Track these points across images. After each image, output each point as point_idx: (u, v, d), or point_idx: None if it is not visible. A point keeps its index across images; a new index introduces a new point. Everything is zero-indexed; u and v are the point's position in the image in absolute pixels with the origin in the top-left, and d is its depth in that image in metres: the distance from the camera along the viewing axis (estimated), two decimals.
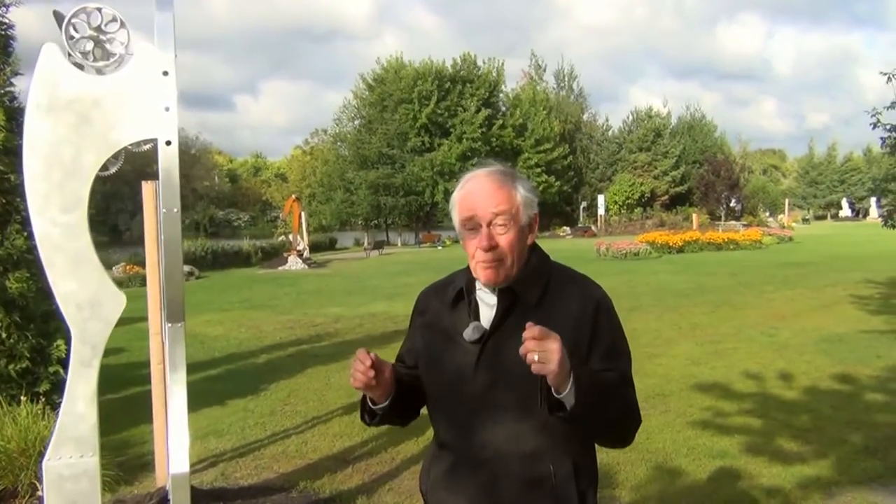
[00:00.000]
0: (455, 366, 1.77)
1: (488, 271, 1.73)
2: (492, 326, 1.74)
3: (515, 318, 1.71)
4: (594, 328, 1.74)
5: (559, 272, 1.85)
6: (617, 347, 1.78)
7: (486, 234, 1.71)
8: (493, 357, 1.72)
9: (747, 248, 29.19)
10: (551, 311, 1.73)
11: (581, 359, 1.68)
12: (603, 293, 1.82)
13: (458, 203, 1.78)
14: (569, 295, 1.78)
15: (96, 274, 3.08)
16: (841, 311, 11.18)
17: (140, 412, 5.96)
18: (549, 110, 54.07)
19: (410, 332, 2.02)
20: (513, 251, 1.73)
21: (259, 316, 13.37)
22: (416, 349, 1.95)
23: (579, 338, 1.70)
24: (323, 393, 7.22)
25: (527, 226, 1.78)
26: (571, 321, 1.72)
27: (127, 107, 3.00)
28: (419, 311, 1.98)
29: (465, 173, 1.84)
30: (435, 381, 1.85)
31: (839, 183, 74.91)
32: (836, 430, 5.27)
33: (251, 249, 32.58)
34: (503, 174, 1.79)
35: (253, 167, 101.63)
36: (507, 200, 1.73)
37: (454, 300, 1.84)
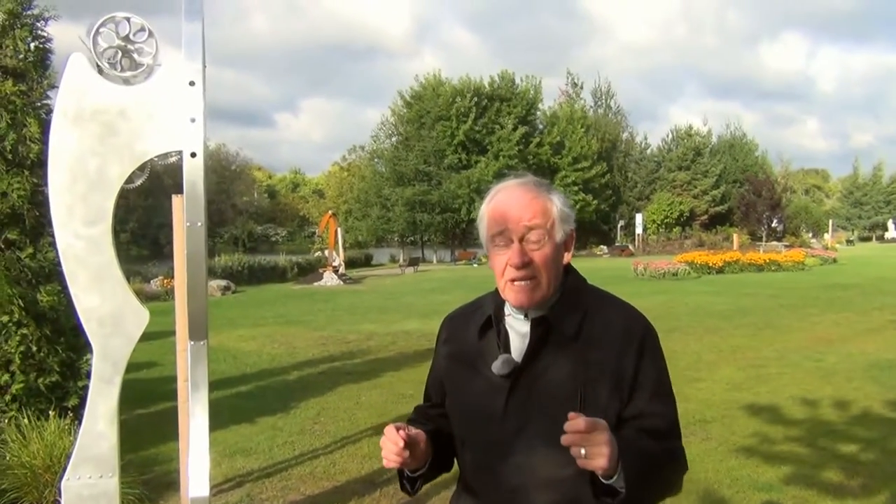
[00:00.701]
0: (483, 403, 1.59)
1: (520, 293, 1.54)
2: (524, 359, 1.55)
3: (550, 350, 1.54)
4: (638, 365, 1.54)
5: (598, 298, 1.65)
6: (664, 388, 1.60)
7: (517, 249, 1.52)
8: (525, 394, 1.54)
9: (789, 269, 28.52)
10: (590, 344, 1.54)
11: (622, 400, 1.51)
12: (648, 324, 1.62)
13: (487, 215, 1.59)
14: (610, 325, 1.58)
15: (119, 289, 3.00)
16: (890, 337, 10.77)
17: (169, 428, 5.88)
18: (586, 128, 53.80)
19: (435, 364, 1.84)
20: (548, 269, 1.54)
21: (292, 332, 13.32)
22: (441, 383, 1.78)
23: (621, 376, 1.52)
24: (353, 412, 7.09)
25: (562, 243, 1.59)
26: (613, 356, 1.54)
27: (153, 118, 2.93)
28: (443, 339, 1.79)
29: (494, 185, 1.65)
30: (460, 419, 1.68)
31: (885, 204, 73.19)
32: (891, 463, 4.97)
33: (287, 265, 32.78)
34: (537, 185, 1.60)
35: (291, 183, 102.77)
36: (542, 213, 1.55)
37: (482, 328, 1.64)
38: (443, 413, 1.75)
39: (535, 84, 52.23)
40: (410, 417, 1.86)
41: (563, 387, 1.51)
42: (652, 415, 1.53)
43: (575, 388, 1.49)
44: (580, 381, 1.50)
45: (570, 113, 54.05)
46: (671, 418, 1.58)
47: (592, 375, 1.51)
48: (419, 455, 1.60)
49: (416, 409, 1.90)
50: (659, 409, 1.55)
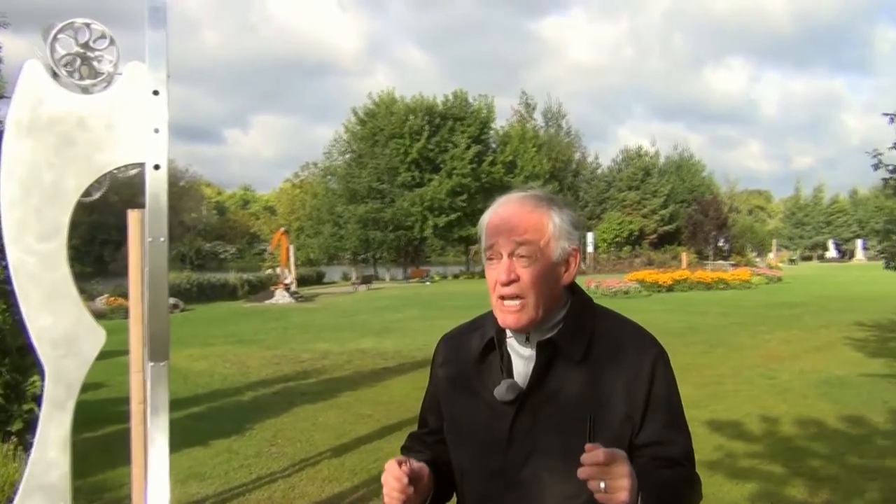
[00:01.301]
0: (485, 430, 1.50)
1: (507, 314, 1.45)
2: (529, 385, 1.46)
3: (557, 374, 1.46)
4: (650, 392, 1.45)
5: (606, 319, 1.56)
6: (678, 414, 1.51)
7: (505, 265, 1.44)
8: (530, 420, 1.45)
9: (737, 287, 29.11)
10: (599, 369, 1.46)
11: (634, 427, 1.43)
12: (660, 347, 1.53)
13: (485, 228, 1.52)
14: (619, 349, 1.49)
15: (74, 308, 2.85)
16: (838, 354, 11.01)
17: (118, 453, 5.65)
18: (538, 147, 54.33)
19: (431, 388, 1.72)
20: (536, 289, 1.44)
21: (245, 351, 13.06)
22: (438, 408, 1.67)
23: (633, 401, 1.44)
24: (311, 433, 6.93)
25: (560, 262, 1.49)
26: (623, 382, 1.45)
27: (114, 128, 2.79)
28: (440, 361, 1.69)
29: (499, 197, 1.56)
30: (461, 447, 1.57)
31: (825, 224, 75.41)
32: (852, 479, 5.03)
33: (237, 282, 32.26)
34: (538, 198, 1.51)
35: (241, 199, 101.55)
36: (535, 228, 1.46)
37: (483, 351, 1.55)
38: (441, 440, 1.65)
39: (487, 103, 52.62)
40: (405, 445, 1.76)
41: (571, 413, 1.42)
42: (666, 442, 1.45)
43: (584, 414, 1.39)
44: (589, 406, 1.41)
45: (522, 132, 54.54)
46: (686, 446, 1.50)
47: (602, 401, 1.43)
48: (422, 490, 1.50)
49: (410, 436, 1.78)
50: (673, 436, 1.47)
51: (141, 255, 4.41)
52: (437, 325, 16.53)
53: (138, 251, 4.55)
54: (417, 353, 12.27)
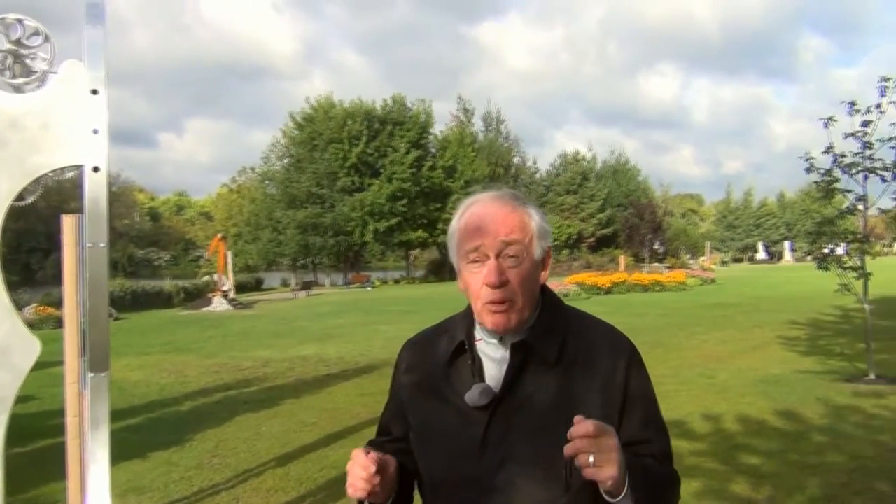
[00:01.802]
0: (457, 437, 1.43)
1: (498, 315, 1.40)
2: (503, 388, 1.41)
3: (531, 377, 1.41)
4: (626, 390, 1.43)
5: (577, 319, 1.53)
6: (655, 413, 1.49)
7: (494, 266, 1.39)
8: (505, 425, 1.39)
9: (673, 289, 29.70)
10: (574, 371, 1.42)
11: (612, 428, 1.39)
12: (632, 345, 1.51)
13: (460, 231, 1.45)
14: (593, 348, 1.46)
15: (6, 317, 2.69)
16: (772, 353, 11.31)
17: (51, 468, 5.44)
18: (476, 152, 54.62)
19: (394, 395, 1.65)
20: (525, 289, 1.41)
21: (182, 360, 12.74)
22: (402, 416, 1.60)
23: (610, 401, 1.41)
24: (253, 443, 6.78)
25: (540, 261, 1.46)
26: (599, 382, 1.42)
27: (49, 128, 2.66)
28: (404, 368, 1.62)
29: (465, 199, 1.52)
30: (430, 458, 1.51)
31: (755, 227, 77.67)
32: (792, 475, 5.15)
33: (173, 290, 31.58)
34: (514, 197, 1.48)
35: (176, 205, 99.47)
36: (520, 227, 1.43)
37: (452, 354, 1.49)
38: (403, 449, 1.57)
39: (426, 108, 52.69)
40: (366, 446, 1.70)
41: (546, 417, 1.38)
42: (645, 441, 1.42)
43: (560, 417, 1.34)
44: (565, 409, 1.35)
45: (460, 137, 54.76)
46: (665, 445, 1.47)
47: (578, 403, 1.38)
48: (387, 485, 1.43)
49: (370, 444, 1.69)
50: (651, 435, 1.45)
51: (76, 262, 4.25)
52: (381, 331, 16.47)
53: (74, 258, 4.39)
54: (360, 358, 12.17)
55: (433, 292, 32.25)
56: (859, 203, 9.04)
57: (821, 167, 8.90)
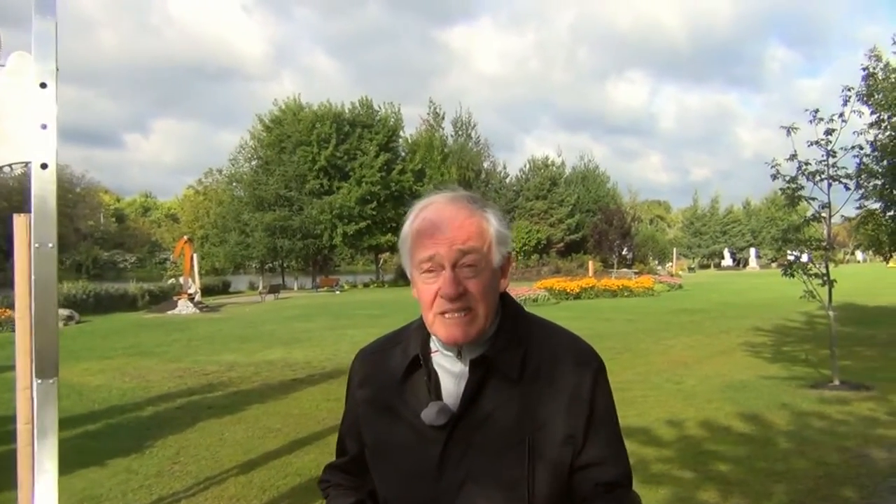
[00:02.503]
0: (413, 458, 1.35)
1: (454, 328, 1.30)
2: (461, 406, 1.32)
3: (491, 393, 1.32)
4: (592, 408, 1.34)
5: (539, 328, 1.43)
6: (617, 431, 1.40)
7: (450, 278, 1.28)
8: (463, 446, 1.31)
9: (641, 295, 29.95)
10: (536, 387, 1.33)
11: (575, 447, 1.32)
12: (600, 361, 1.41)
13: (412, 237, 1.35)
14: (557, 361, 1.36)
15: None
16: (738, 358, 11.38)
17: (3, 476, 5.25)
18: (445, 156, 54.60)
19: (349, 410, 1.54)
20: (485, 299, 1.32)
21: (145, 364, 12.47)
22: (358, 432, 1.50)
23: (574, 423, 1.32)
24: (216, 449, 6.62)
25: (499, 268, 1.37)
26: (563, 400, 1.33)
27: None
28: (358, 381, 1.51)
29: (419, 199, 1.41)
30: (385, 478, 1.41)
31: (721, 234, 78.76)
32: (759, 481, 5.13)
33: (138, 292, 31.07)
34: (471, 200, 1.37)
35: (142, 207, 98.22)
36: (478, 234, 1.32)
37: (407, 369, 1.40)
38: (363, 466, 1.48)
39: (395, 111, 52.57)
40: (325, 479, 1.58)
41: (508, 436, 1.30)
42: (608, 462, 1.35)
43: (521, 437, 1.29)
44: (527, 428, 1.30)
45: (430, 141, 54.72)
46: (626, 464, 1.40)
47: (541, 421, 1.31)
48: None
49: (329, 469, 1.59)
50: (614, 455, 1.37)
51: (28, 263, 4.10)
52: (348, 335, 16.33)
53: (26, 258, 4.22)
54: (328, 363, 12.02)
55: (402, 296, 32.11)
56: (823, 210, 9.13)
57: (786, 174, 8.98)
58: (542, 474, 1.28)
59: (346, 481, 1.53)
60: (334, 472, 1.57)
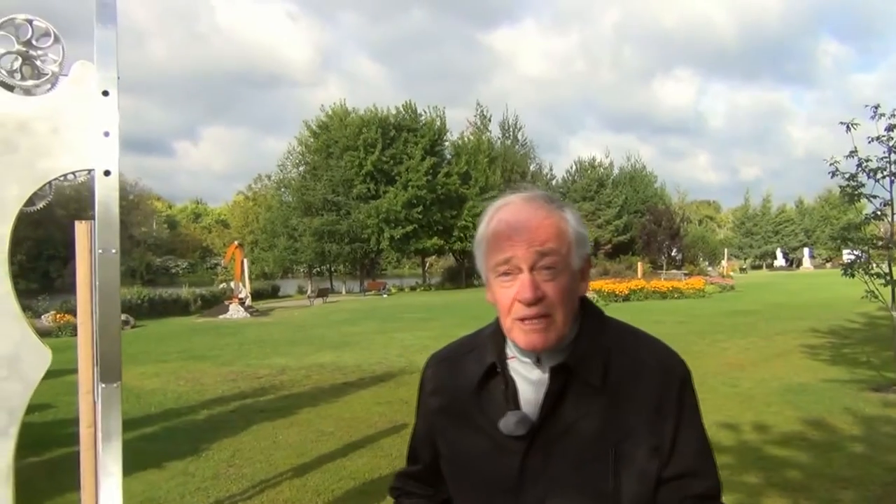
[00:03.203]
0: (490, 472, 1.30)
1: (533, 334, 1.24)
2: (541, 415, 1.26)
3: (572, 402, 1.26)
4: (680, 415, 1.27)
5: (622, 334, 1.36)
6: (706, 442, 1.33)
7: (528, 281, 1.23)
8: (543, 458, 1.25)
9: (691, 296, 29.47)
10: (620, 395, 1.26)
11: (662, 459, 1.25)
12: (685, 365, 1.34)
13: (488, 240, 1.29)
14: (641, 368, 1.29)
15: (17, 326, 2.63)
16: (796, 361, 11.10)
17: (66, 477, 5.37)
18: (491, 159, 54.46)
19: (421, 418, 1.50)
20: (564, 304, 1.25)
21: (199, 367, 12.68)
22: (431, 441, 1.45)
23: (661, 430, 1.26)
24: (270, 453, 6.68)
25: (579, 271, 1.30)
26: (650, 409, 1.26)
27: (59, 132, 2.59)
28: (431, 389, 1.46)
29: (494, 201, 1.35)
30: (462, 491, 1.37)
31: (773, 234, 77.17)
32: (825, 488, 4.98)
33: (190, 297, 31.62)
34: (548, 200, 1.31)
35: (193, 213, 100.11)
36: (556, 236, 1.26)
37: (483, 377, 1.34)
38: (436, 474, 1.45)
39: (439, 115, 52.65)
40: (396, 487, 1.56)
41: (591, 446, 1.24)
42: (697, 474, 1.28)
43: (605, 448, 1.24)
44: (612, 439, 1.24)
45: (477, 144, 54.65)
46: (716, 477, 1.33)
47: (625, 431, 1.25)
48: None
49: (401, 477, 1.56)
50: (704, 467, 1.30)
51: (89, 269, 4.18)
52: (398, 338, 16.38)
53: (87, 264, 4.31)
54: (378, 366, 12.07)
55: (449, 300, 32.18)
56: (885, 208, 8.85)
57: (845, 171, 8.71)
58: (629, 486, 1.23)
59: (419, 489, 1.51)
60: (406, 479, 1.54)
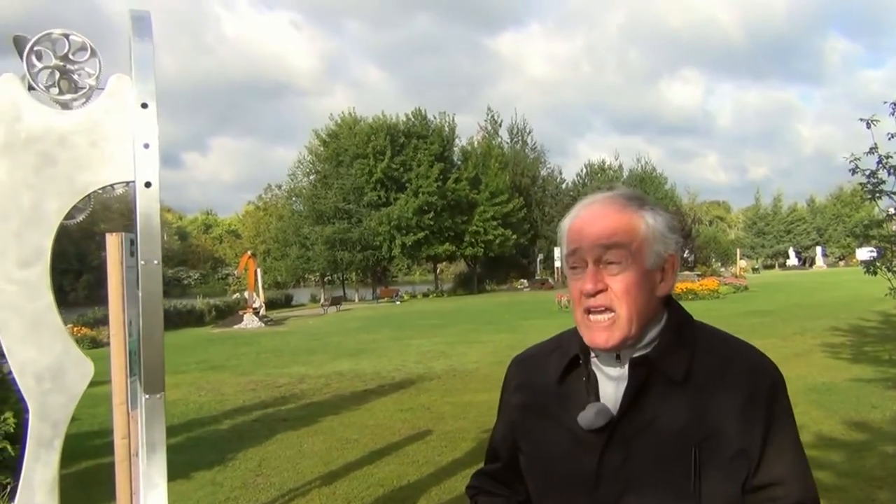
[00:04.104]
0: (569, 465, 1.29)
1: (596, 331, 1.26)
2: (621, 409, 1.25)
3: (654, 398, 1.25)
4: (770, 418, 1.23)
5: (709, 335, 1.35)
6: (799, 449, 1.28)
7: (590, 273, 1.25)
8: (623, 453, 1.24)
9: (705, 297, 29.28)
10: (705, 392, 1.24)
11: (750, 463, 1.22)
12: (777, 370, 1.31)
13: (565, 233, 1.33)
14: (729, 367, 1.27)
15: (59, 338, 2.64)
16: (818, 360, 11.01)
17: (96, 490, 5.40)
18: (501, 164, 54.43)
19: (503, 417, 1.51)
20: (630, 301, 1.24)
21: (218, 378, 12.72)
22: (512, 439, 1.45)
23: (748, 432, 1.22)
24: (297, 461, 6.68)
25: (656, 270, 1.29)
26: (736, 406, 1.22)
27: (97, 145, 2.61)
28: (513, 387, 1.48)
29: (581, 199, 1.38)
30: (541, 486, 1.37)
31: (785, 233, 76.66)
32: (860, 487, 4.94)
33: (205, 308, 31.76)
34: (627, 198, 1.32)
35: (203, 224, 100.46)
36: (625, 231, 1.26)
37: (564, 371, 1.35)
38: (515, 475, 1.45)
39: (449, 121, 52.71)
40: (473, 485, 1.56)
41: (672, 443, 1.22)
42: (788, 481, 1.24)
43: (688, 446, 1.20)
44: (694, 436, 1.21)
45: (487, 149, 54.64)
46: (811, 486, 1.27)
47: (710, 430, 1.22)
48: None
49: (478, 475, 1.57)
50: (796, 473, 1.25)
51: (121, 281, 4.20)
52: (414, 345, 16.37)
53: (119, 277, 4.33)
54: (396, 373, 12.07)
55: (463, 305, 32.16)
56: None
57: (865, 168, 8.64)
58: (712, 487, 1.20)
59: (496, 488, 1.51)
60: (484, 478, 1.55)
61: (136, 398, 3.26)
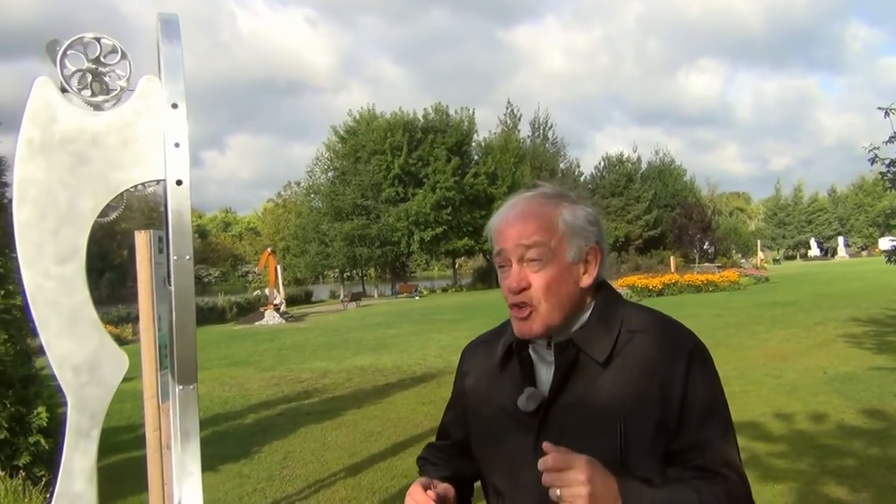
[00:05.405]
0: (510, 445, 1.40)
1: (519, 323, 1.36)
2: (551, 392, 1.34)
3: (580, 380, 1.33)
4: (686, 387, 1.29)
5: (634, 316, 1.40)
6: (718, 414, 1.33)
7: (514, 272, 1.35)
8: (556, 432, 1.31)
9: (726, 289, 29.16)
10: (628, 370, 1.31)
11: (670, 432, 1.29)
12: (696, 341, 1.36)
13: (492, 233, 1.41)
14: (651, 346, 1.33)
15: (95, 332, 2.71)
16: (839, 350, 10.99)
17: (126, 483, 5.52)
18: (519, 158, 54.31)
19: (454, 399, 1.64)
20: (549, 295, 1.33)
21: (242, 373, 12.88)
22: (462, 420, 1.58)
23: (667, 407, 1.28)
24: (321, 454, 6.79)
25: (578, 262, 1.36)
26: (657, 380, 1.29)
27: (129, 145, 2.67)
28: (463, 372, 1.60)
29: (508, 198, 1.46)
30: (489, 465, 1.48)
31: (807, 223, 76.06)
32: (882, 475, 4.96)
33: (226, 305, 32.08)
34: (546, 196, 1.40)
35: (222, 222, 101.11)
36: (543, 229, 1.34)
37: (503, 357, 1.45)
38: (462, 452, 1.58)
39: (468, 115, 52.66)
40: (423, 456, 1.69)
41: (599, 422, 1.30)
42: (703, 447, 1.29)
43: (614, 422, 1.29)
44: (619, 412, 1.29)
45: (505, 143, 54.54)
46: (726, 452, 1.31)
47: (633, 405, 1.29)
48: None
49: (429, 447, 1.71)
50: (711, 440, 1.30)
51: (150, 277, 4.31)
52: (434, 339, 16.46)
53: (148, 273, 4.44)
54: (416, 367, 12.17)
55: (482, 299, 32.21)
56: None
57: (885, 157, 8.61)
58: (637, 460, 1.27)
59: (442, 462, 1.62)
60: (433, 451, 1.68)
61: (168, 391, 3.33)
